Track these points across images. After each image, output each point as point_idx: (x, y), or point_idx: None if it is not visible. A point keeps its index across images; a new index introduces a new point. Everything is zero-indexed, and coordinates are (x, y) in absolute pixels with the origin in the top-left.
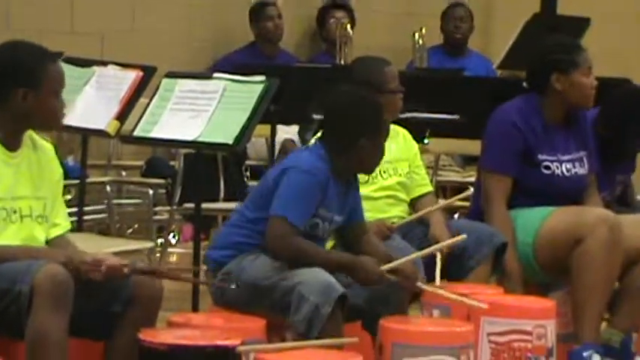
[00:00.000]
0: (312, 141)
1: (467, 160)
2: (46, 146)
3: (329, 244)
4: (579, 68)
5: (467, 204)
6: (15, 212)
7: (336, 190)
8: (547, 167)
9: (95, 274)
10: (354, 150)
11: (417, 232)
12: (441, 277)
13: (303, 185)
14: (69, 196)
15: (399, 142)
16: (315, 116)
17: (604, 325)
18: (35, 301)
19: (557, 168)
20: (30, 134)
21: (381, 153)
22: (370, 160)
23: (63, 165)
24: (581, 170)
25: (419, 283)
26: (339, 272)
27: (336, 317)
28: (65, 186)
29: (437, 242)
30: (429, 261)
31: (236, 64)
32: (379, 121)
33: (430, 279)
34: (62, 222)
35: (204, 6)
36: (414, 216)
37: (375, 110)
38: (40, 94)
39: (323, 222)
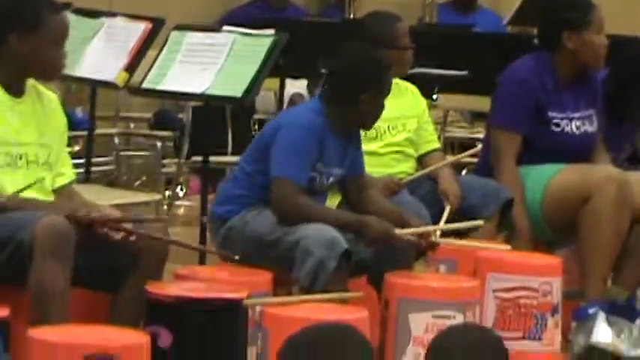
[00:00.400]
0: None
1: (475, 116)
2: (51, 96)
3: (335, 200)
4: (591, 27)
5: (475, 160)
6: (20, 158)
7: (334, 143)
8: (557, 124)
9: (113, 234)
10: (354, 105)
11: (424, 187)
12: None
13: (299, 141)
14: (77, 147)
15: (407, 99)
16: (324, 70)
17: (610, 282)
18: (35, 251)
19: (567, 125)
20: (34, 84)
21: (380, 110)
22: (369, 116)
23: (71, 116)
24: (590, 128)
25: (433, 238)
26: (346, 231)
27: (341, 272)
28: (73, 137)
29: (447, 197)
30: (442, 214)
31: (245, 17)
32: (381, 79)
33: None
34: (67, 171)
35: None
36: (422, 172)
37: (379, 68)
38: (38, 40)
39: (320, 176)
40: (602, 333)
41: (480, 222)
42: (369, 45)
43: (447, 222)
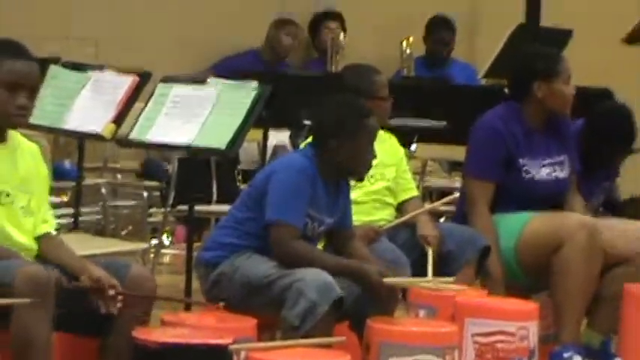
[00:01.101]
0: (302, 146)
1: (453, 166)
2: (32, 146)
3: (319, 245)
4: (560, 77)
5: (452, 209)
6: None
7: (324, 191)
8: (527, 172)
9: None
10: (328, 152)
11: (403, 235)
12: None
13: (295, 184)
14: (65, 198)
15: (386, 148)
16: (306, 122)
17: (584, 327)
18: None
19: (538, 172)
20: (14, 133)
21: (364, 157)
22: (349, 163)
23: (60, 167)
24: (561, 174)
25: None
26: (344, 277)
27: (330, 317)
28: (62, 188)
29: (427, 241)
30: (421, 260)
31: (232, 69)
32: (353, 124)
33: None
34: (50, 219)
35: (199, 11)
36: (401, 219)
37: (359, 114)
38: None
39: (312, 222)
40: None
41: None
42: (351, 95)
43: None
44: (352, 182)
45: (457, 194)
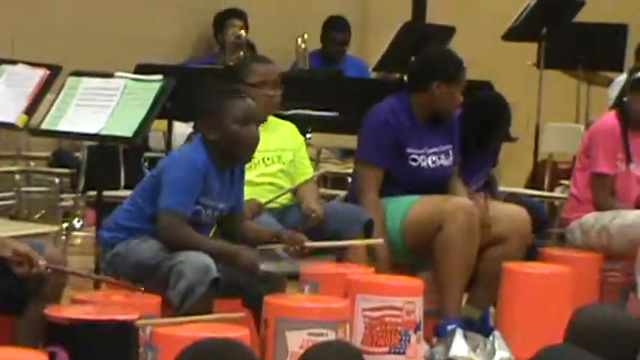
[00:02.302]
0: None
1: (345, 153)
2: None
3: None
4: (458, 84)
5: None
6: None
7: (218, 180)
8: (414, 160)
9: (23, 269)
10: (206, 138)
11: (293, 214)
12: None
13: (184, 176)
14: None
15: (283, 134)
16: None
17: (465, 302)
18: None
19: (424, 160)
20: None
21: (239, 139)
22: (227, 145)
23: None
24: (445, 162)
25: (307, 243)
26: (221, 259)
27: (209, 296)
28: None
29: (312, 212)
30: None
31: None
32: (216, 107)
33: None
34: None
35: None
36: (282, 191)
37: (214, 97)
38: None
39: (205, 209)
40: (459, 347)
41: (345, 243)
42: (232, 85)
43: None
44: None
45: (320, 171)
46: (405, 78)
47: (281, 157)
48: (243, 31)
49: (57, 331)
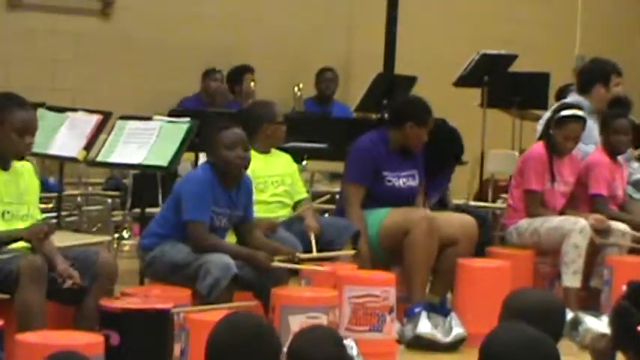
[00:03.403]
0: None
1: (333, 176)
2: (28, 165)
3: (232, 238)
4: (425, 127)
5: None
6: (8, 213)
7: (223, 192)
8: (389, 181)
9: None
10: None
11: (297, 226)
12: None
13: (196, 190)
14: (50, 205)
15: (283, 162)
16: None
17: (428, 290)
18: (21, 279)
19: (396, 181)
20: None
21: (231, 162)
22: (221, 167)
23: (45, 182)
24: (413, 183)
25: (298, 254)
26: (240, 260)
27: (230, 289)
28: (48, 197)
29: (310, 228)
30: (308, 245)
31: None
32: (209, 138)
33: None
34: (39, 218)
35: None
36: (293, 214)
37: (209, 130)
38: (2, 129)
39: (216, 216)
40: (424, 326)
41: (340, 253)
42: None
43: (316, 248)
44: (260, 186)
45: (328, 195)
46: (386, 116)
47: (284, 180)
48: (253, 82)
49: (110, 317)
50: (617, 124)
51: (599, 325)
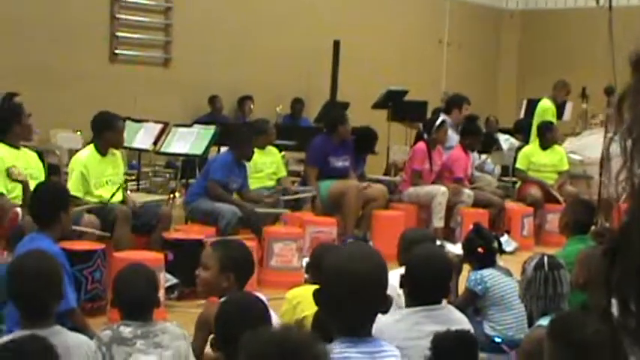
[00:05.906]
0: None
1: (300, 161)
2: (117, 153)
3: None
4: (348, 125)
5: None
6: (109, 182)
7: (236, 168)
8: (333, 163)
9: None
10: (238, 150)
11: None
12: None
13: (218, 166)
14: (133, 177)
15: (272, 154)
16: None
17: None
18: (117, 221)
19: (337, 163)
20: (111, 150)
21: (245, 151)
22: (237, 154)
23: (130, 165)
24: (347, 164)
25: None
26: (239, 208)
27: (236, 226)
28: (132, 173)
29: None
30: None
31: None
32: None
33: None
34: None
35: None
36: (277, 187)
37: (245, 131)
38: (109, 132)
39: (230, 182)
40: None
41: (302, 195)
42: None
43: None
44: (257, 167)
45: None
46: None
47: (272, 165)
48: (252, 105)
49: (168, 243)
50: (470, 131)
51: (455, 248)
